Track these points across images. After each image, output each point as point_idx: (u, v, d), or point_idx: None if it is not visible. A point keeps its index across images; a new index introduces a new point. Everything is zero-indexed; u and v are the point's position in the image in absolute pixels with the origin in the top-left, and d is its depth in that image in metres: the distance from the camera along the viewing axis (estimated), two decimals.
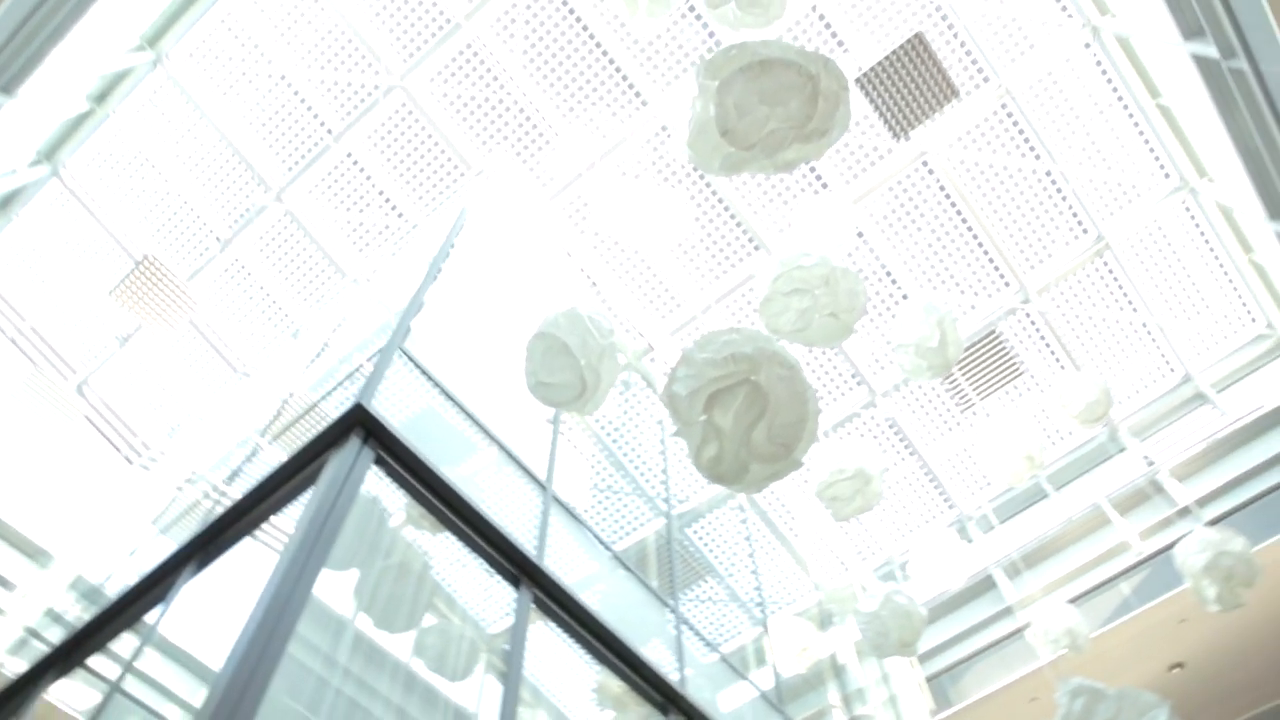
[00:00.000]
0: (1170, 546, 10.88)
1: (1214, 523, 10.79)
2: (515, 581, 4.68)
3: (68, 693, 4.51)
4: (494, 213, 7.83)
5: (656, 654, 5.51)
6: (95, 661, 4.56)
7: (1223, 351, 12.53)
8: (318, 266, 11.79)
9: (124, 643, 4.45)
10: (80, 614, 5.16)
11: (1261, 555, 7.97)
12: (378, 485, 4.19)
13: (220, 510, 4.78)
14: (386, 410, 4.34)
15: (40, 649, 4.86)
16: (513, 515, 4.97)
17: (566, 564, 5.20)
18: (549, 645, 4.78)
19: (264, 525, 4.38)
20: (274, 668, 2.98)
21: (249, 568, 4.34)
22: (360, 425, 4.20)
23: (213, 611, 4.11)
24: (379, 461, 4.21)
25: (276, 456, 5.10)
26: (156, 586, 4.44)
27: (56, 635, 4.91)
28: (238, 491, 4.95)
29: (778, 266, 5.70)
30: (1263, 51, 7.42)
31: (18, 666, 4.80)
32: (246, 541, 4.41)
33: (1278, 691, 11.86)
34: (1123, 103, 10.71)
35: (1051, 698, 11.12)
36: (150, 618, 4.37)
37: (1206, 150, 10.20)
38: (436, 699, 3.85)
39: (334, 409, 5.01)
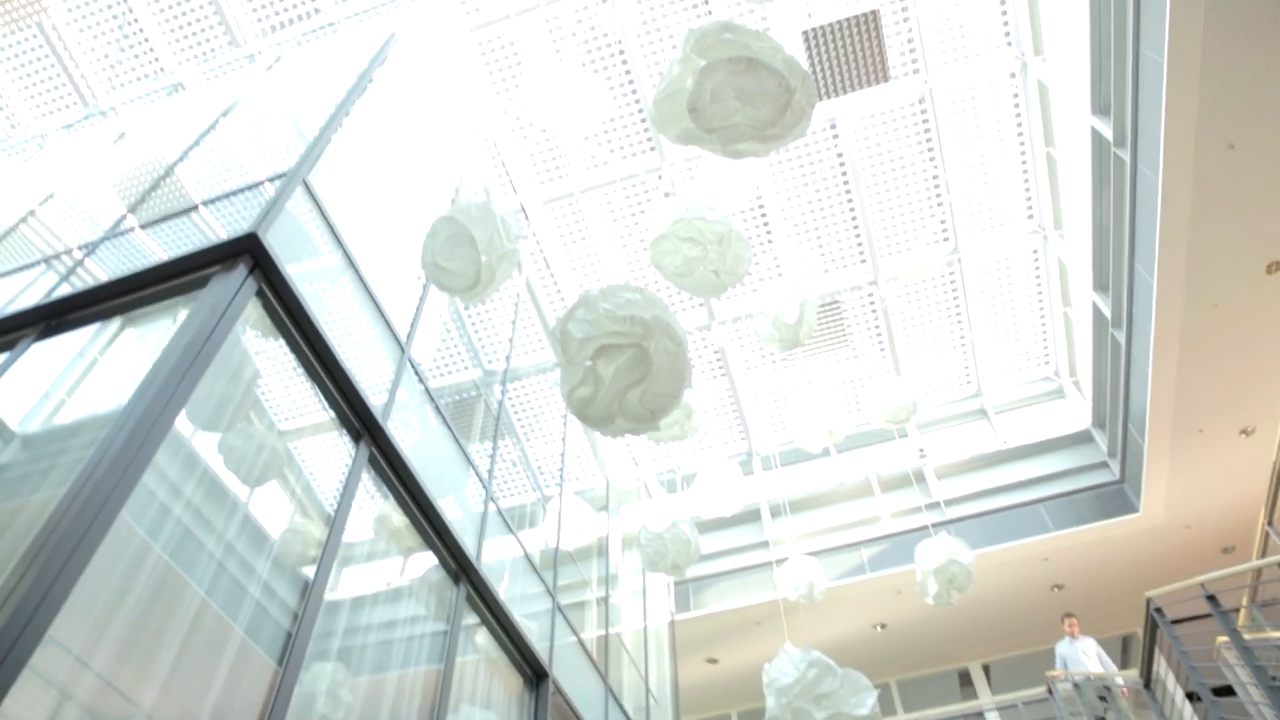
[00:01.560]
0: (912, 531, 12.40)
1: (953, 523, 12.33)
2: (356, 437, 4.85)
3: None
4: (419, 45, 7.50)
5: (460, 520, 5.85)
6: None
7: (1013, 381, 14.00)
8: (212, 31, 10.60)
9: None
10: None
11: (978, 560, 9.25)
12: (251, 320, 4.19)
13: (76, 282, 4.62)
14: (273, 241, 4.30)
15: None
16: (366, 371, 5.08)
17: (404, 424, 5.39)
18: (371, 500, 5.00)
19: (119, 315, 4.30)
20: (128, 493, 3.06)
21: (91, 355, 4.27)
22: (250, 254, 4.16)
23: (49, 390, 4.04)
24: (259, 294, 4.20)
25: (145, 244, 4.92)
26: None
27: None
28: (96, 268, 4.78)
29: (682, 211, 5.91)
30: (1145, 153, 8.17)
31: None
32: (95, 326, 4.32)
33: (953, 658, 13.88)
34: (1020, 138, 11.43)
35: (774, 624, 12.59)
36: None
37: (1068, 208, 11.15)
38: (264, 541, 4.03)
39: (219, 220, 4.89)
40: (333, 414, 4.69)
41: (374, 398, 4.97)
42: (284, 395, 4.59)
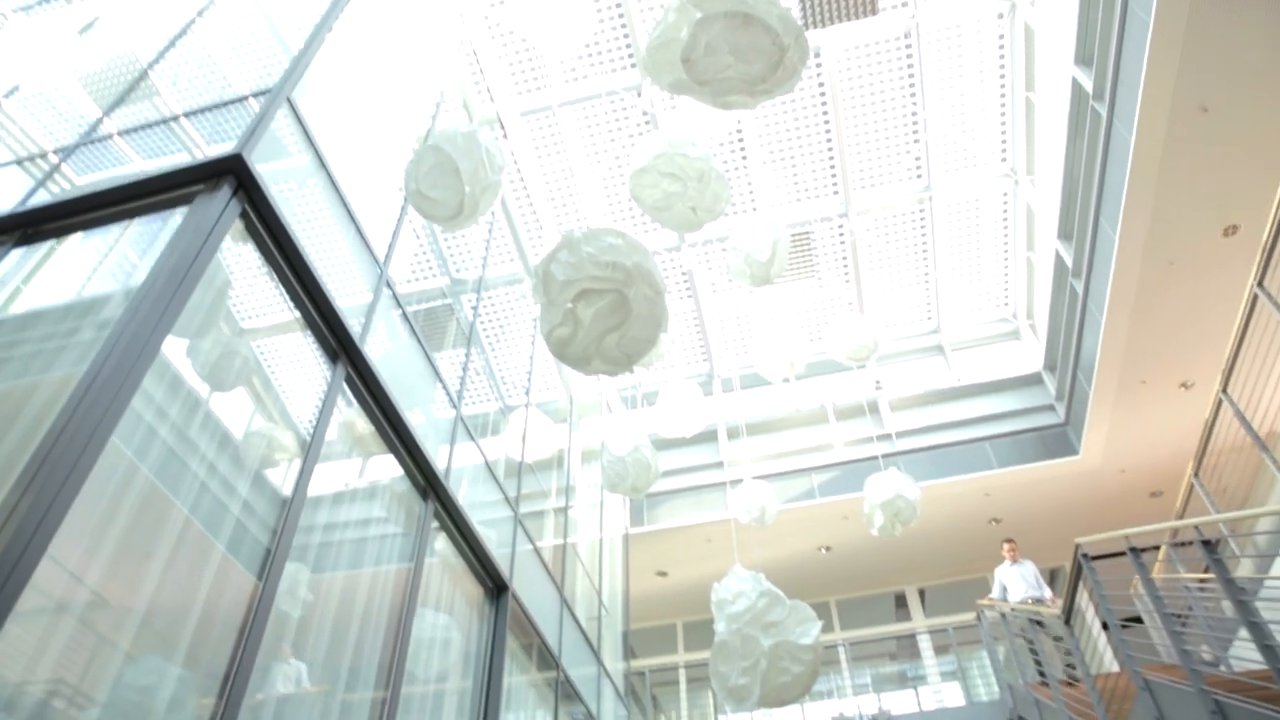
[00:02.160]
0: (862, 460, 12.82)
1: (902, 455, 12.77)
2: (334, 358, 4.92)
3: None
4: None
5: (430, 439, 5.99)
6: None
7: (971, 321, 14.32)
8: None
9: None
10: None
11: (923, 491, 9.62)
12: (234, 241, 4.19)
13: (54, 188, 4.57)
14: (258, 162, 4.27)
15: None
16: (344, 292, 5.12)
17: (380, 345, 5.45)
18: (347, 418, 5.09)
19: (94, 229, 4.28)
20: (118, 418, 3.14)
21: (73, 266, 4.27)
22: (235, 175, 4.14)
23: (28, 301, 4.04)
24: (242, 215, 4.20)
25: (124, 151, 4.84)
26: None
27: None
28: (74, 172, 4.72)
29: (665, 145, 5.94)
30: (1122, 109, 8.28)
31: None
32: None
33: (891, 581, 14.55)
34: (1002, 81, 11.44)
35: (724, 542, 13.03)
36: None
37: (1042, 156, 11.26)
38: (244, 460, 4.12)
39: (200, 130, 4.82)
40: (311, 335, 4.75)
41: (351, 319, 5.03)
42: (263, 316, 4.63)
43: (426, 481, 5.88)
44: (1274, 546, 6.98)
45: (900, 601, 14.59)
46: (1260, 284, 6.90)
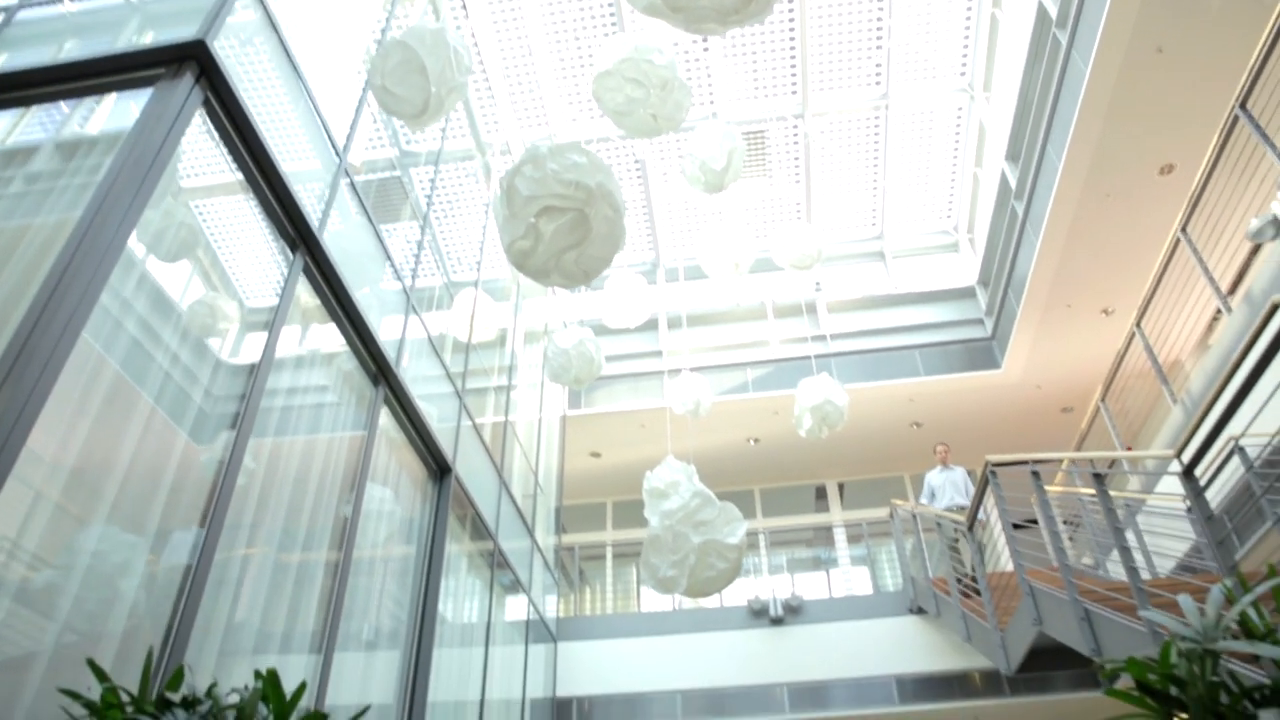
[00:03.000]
0: (796, 359, 13.25)
1: (835, 356, 13.24)
2: (293, 248, 4.96)
3: None
4: None
5: (383, 326, 6.11)
6: None
7: (914, 230, 14.63)
8: None
9: None
10: None
11: (850, 394, 10.06)
12: (195, 130, 4.15)
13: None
14: (220, 48, 4.19)
15: None
16: (304, 182, 5.11)
17: (337, 235, 5.48)
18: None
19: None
20: (88, 313, 3.21)
21: (26, 144, 4.20)
22: (197, 62, 4.07)
23: None
24: (205, 103, 4.15)
25: (76, 19, 4.68)
26: None
27: None
28: (19, 48, 4.56)
29: (630, 50, 5.93)
30: (1081, 40, 8.40)
31: None
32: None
33: (813, 474, 15.27)
34: None
35: (657, 428, 13.46)
36: None
37: (1000, 75, 11.36)
38: (205, 351, 4.22)
39: (158, 15, 4.68)
40: (271, 225, 4.77)
41: (310, 208, 5.05)
42: (222, 206, 4.63)
43: (378, 368, 6.03)
44: (1152, 483, 7.59)
45: (820, 494, 15.37)
46: (1184, 230, 7.27)
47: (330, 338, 5.49)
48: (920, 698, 9.84)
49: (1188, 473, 4.36)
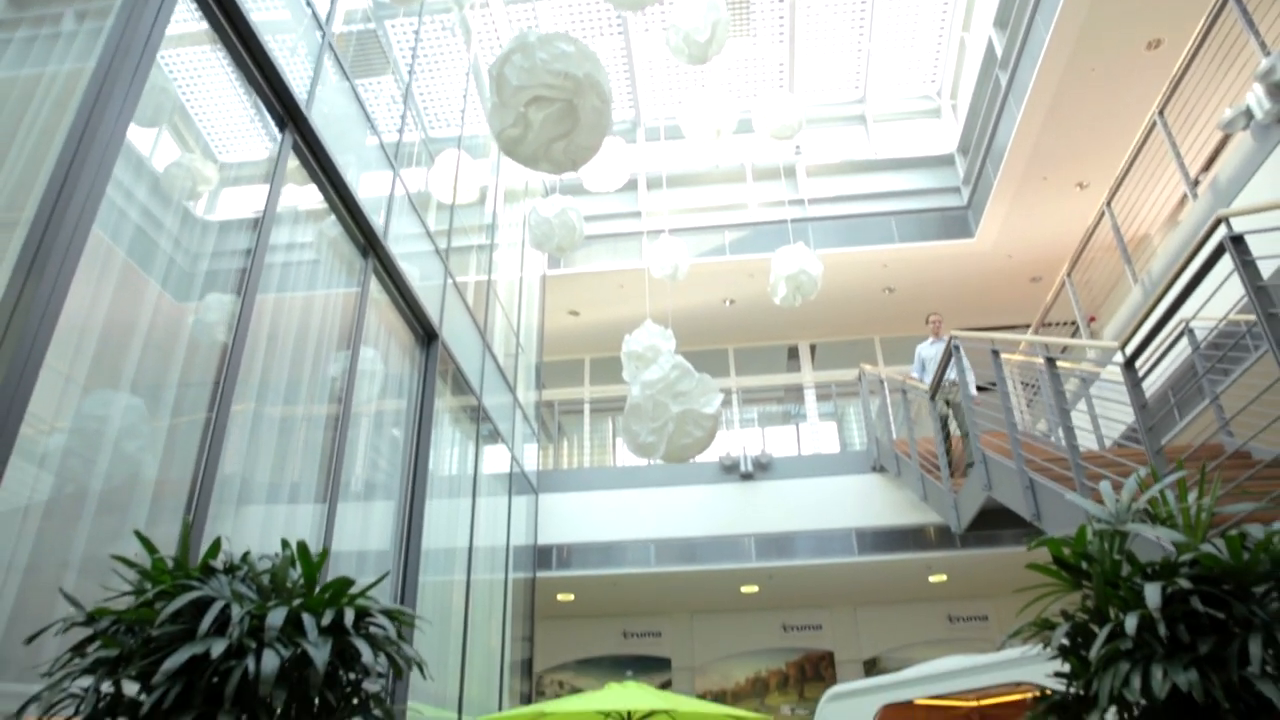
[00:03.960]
0: (773, 222, 13.40)
1: (812, 220, 13.39)
2: (281, 126, 5.01)
3: None
4: None
5: (370, 199, 6.20)
6: None
7: (897, 94, 14.48)
8: None
9: None
10: None
11: (825, 258, 10.31)
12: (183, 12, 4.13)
13: None
14: None
15: None
16: (290, 59, 5.10)
17: (323, 111, 5.50)
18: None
19: None
20: (96, 207, 3.34)
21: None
22: None
23: None
24: None
25: None
26: None
27: None
28: None
29: None
30: None
31: None
32: None
33: (786, 335, 15.66)
34: None
35: (635, 288, 13.70)
36: None
37: None
38: (209, 229, 4.35)
39: None
40: (261, 105, 4.81)
41: (297, 86, 5.07)
42: (212, 85, 4.65)
43: (367, 241, 6.17)
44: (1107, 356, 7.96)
45: (793, 354, 15.83)
46: (1161, 113, 7.38)
47: (319, 211, 5.61)
48: (877, 549, 10.60)
49: (1129, 364, 4.70)
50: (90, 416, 3.52)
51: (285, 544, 2.98)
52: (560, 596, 12.06)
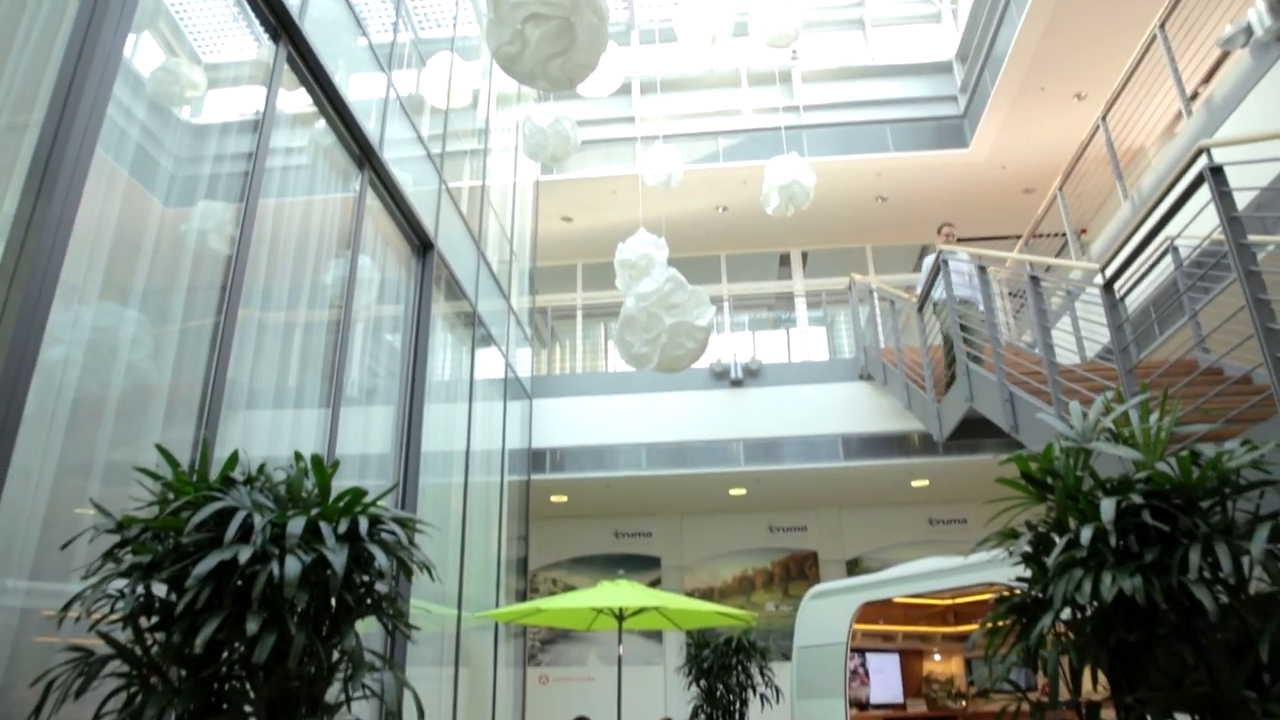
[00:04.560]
0: (767, 129, 13.30)
1: (806, 128, 13.28)
2: (275, 38, 4.97)
3: None
4: None
5: (364, 107, 6.19)
6: None
7: None
8: None
9: None
10: None
11: (819, 167, 10.30)
12: None
13: None
14: None
15: None
16: None
17: (315, 21, 5.45)
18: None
19: None
20: (99, 128, 3.39)
21: None
22: None
23: None
24: None
25: None
26: None
27: None
28: None
29: None
30: None
31: None
32: None
33: (778, 242, 15.70)
34: None
35: (628, 194, 13.66)
36: None
37: None
38: (203, 141, 4.38)
39: None
40: (253, 15, 4.78)
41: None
42: (202, 7, 4.61)
43: (362, 152, 6.18)
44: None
45: (784, 261, 15.90)
46: (1162, 26, 7.33)
47: (311, 114, 5.61)
48: (863, 454, 10.93)
49: (1107, 286, 4.84)
50: (100, 328, 3.64)
51: (298, 456, 3.16)
52: (554, 498, 12.43)
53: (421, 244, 7.50)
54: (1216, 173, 3.87)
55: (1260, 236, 5.36)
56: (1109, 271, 4.80)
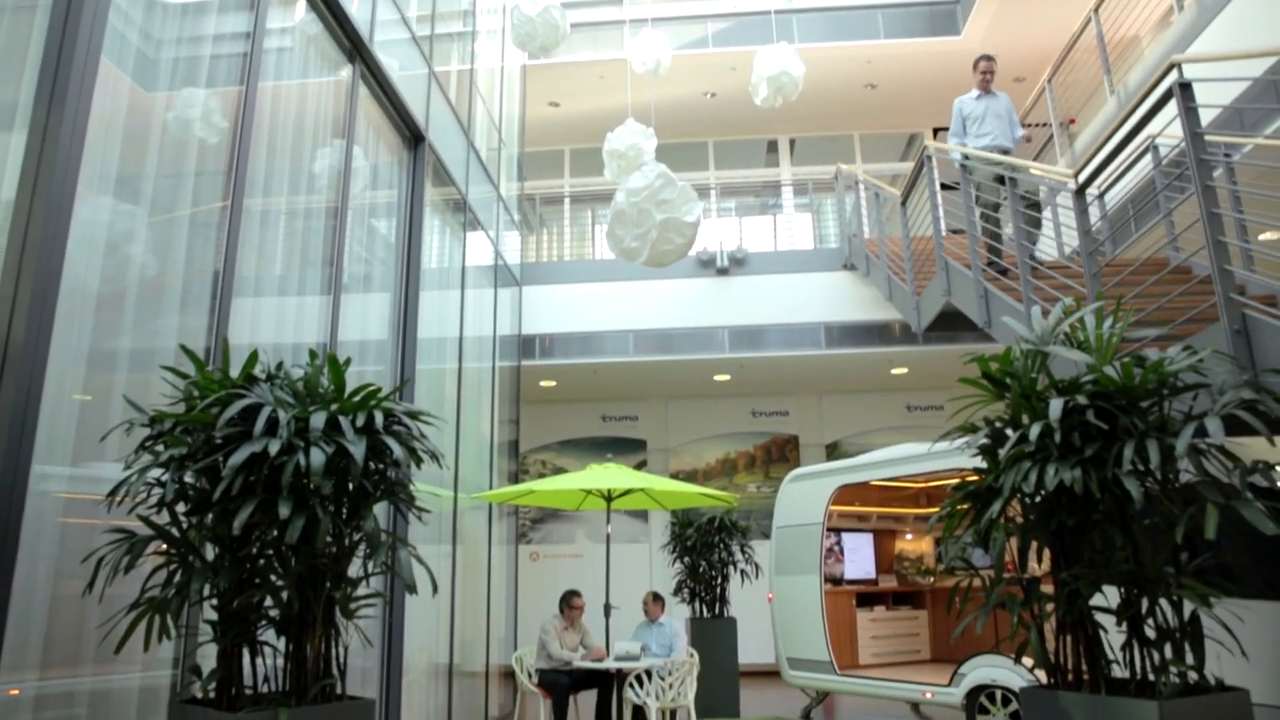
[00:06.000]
0: (757, 13, 13.05)
1: (795, 12, 13.05)
2: None
3: None
4: None
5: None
6: None
7: None
8: None
9: None
10: None
11: (808, 53, 10.26)
12: None
13: None
14: None
15: None
16: None
17: None
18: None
19: None
20: (102, 38, 3.45)
21: None
22: None
23: None
24: None
25: None
26: None
27: None
28: None
29: None
30: None
31: None
32: None
33: (766, 129, 15.60)
34: None
35: (616, 79, 13.50)
36: None
37: None
38: (197, 44, 4.42)
39: None
40: None
41: None
42: None
43: (353, 45, 6.16)
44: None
45: (772, 148, 15.83)
46: None
47: (305, 16, 5.60)
48: (844, 343, 11.24)
49: (1079, 192, 5.00)
50: (113, 225, 3.79)
51: (313, 354, 3.38)
52: (543, 383, 12.77)
53: (413, 136, 7.53)
54: (1185, 88, 3.99)
55: (1224, 135, 5.48)
56: (1081, 178, 4.96)
